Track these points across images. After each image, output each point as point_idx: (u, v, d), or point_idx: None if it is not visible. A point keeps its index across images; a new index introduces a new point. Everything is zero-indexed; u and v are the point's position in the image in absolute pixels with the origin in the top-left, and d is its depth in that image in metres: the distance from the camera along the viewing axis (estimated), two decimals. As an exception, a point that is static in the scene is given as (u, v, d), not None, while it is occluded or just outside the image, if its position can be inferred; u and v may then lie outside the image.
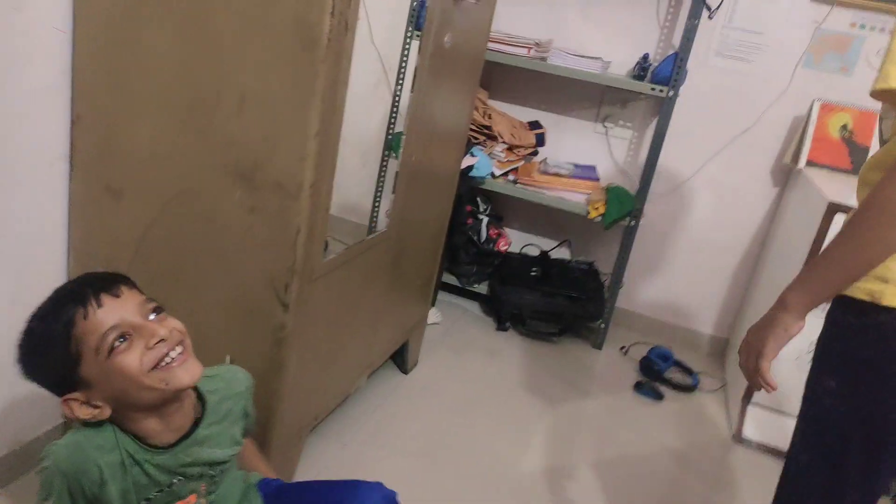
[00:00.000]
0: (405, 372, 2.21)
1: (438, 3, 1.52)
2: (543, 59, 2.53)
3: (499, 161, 2.67)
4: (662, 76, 2.38)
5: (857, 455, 1.01)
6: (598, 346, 2.71)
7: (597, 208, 2.53)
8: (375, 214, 2.97)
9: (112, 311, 0.90)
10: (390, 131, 2.87)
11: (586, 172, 2.72)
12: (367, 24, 2.83)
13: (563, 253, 2.96)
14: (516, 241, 3.02)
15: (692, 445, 2.13)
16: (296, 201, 1.20)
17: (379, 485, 1.14)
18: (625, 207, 2.52)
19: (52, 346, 0.89)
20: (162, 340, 0.91)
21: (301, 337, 1.34)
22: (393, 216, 1.72)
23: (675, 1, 2.58)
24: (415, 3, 2.69)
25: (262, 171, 1.21)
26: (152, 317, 0.93)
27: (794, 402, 2.18)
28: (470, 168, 2.52)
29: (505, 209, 2.97)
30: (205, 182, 1.26)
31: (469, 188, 2.65)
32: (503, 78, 2.82)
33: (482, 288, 2.79)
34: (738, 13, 2.51)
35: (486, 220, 2.79)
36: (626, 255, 2.61)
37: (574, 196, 2.62)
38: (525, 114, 2.88)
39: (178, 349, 0.93)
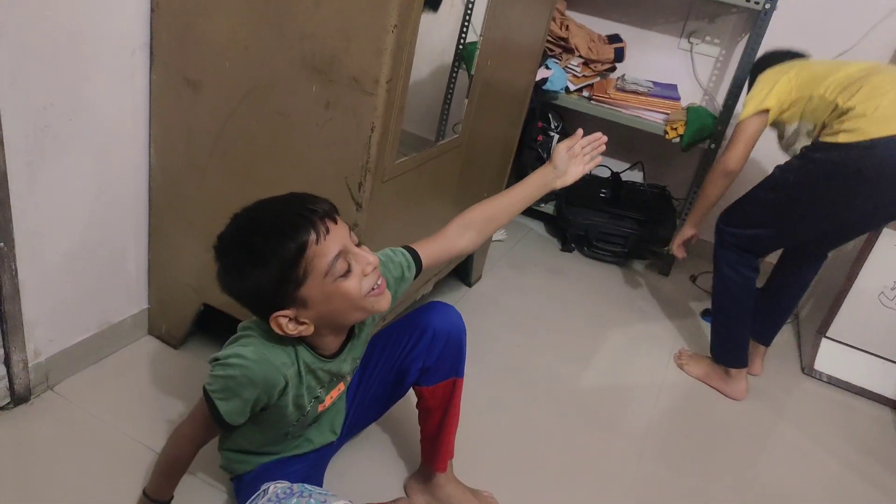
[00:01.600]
0: (468, 285, 2.23)
1: None
2: (629, -35, 2.37)
3: (574, 75, 2.57)
4: (760, -14, 2.20)
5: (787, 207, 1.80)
6: (666, 273, 2.65)
7: (675, 129, 2.41)
8: (443, 129, 2.93)
9: (337, 238, 0.95)
10: (461, 42, 2.78)
11: (666, 91, 2.59)
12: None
13: (635, 176, 2.87)
14: (586, 161, 2.93)
15: (760, 375, 2.08)
16: (371, 97, 1.18)
17: (445, 305, 1.26)
18: (706, 129, 2.40)
19: (279, 265, 0.92)
20: (375, 269, 0.98)
21: (372, 237, 1.35)
22: (465, 124, 1.68)
23: None
24: None
25: (338, 65, 1.19)
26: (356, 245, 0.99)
27: (871, 339, 2.11)
28: (543, 81, 2.43)
29: (577, 127, 2.85)
30: (281, 76, 1.25)
31: (541, 103, 2.56)
32: (584, -13, 2.67)
33: (548, 208, 2.75)
34: (852, -84, 2.27)
35: (556, 137, 2.71)
36: (703, 180, 2.50)
37: (651, 115, 2.51)
38: (604, 26, 2.73)
39: (379, 274, 1.01)
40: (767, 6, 2.18)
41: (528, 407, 1.73)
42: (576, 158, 1.26)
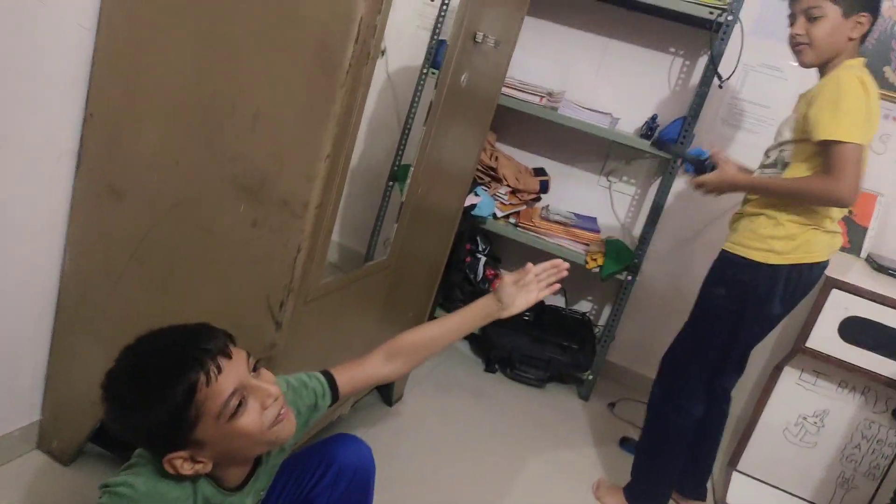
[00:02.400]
0: (389, 405, 2.18)
1: (458, 42, 1.55)
2: (554, 108, 2.56)
3: (501, 203, 2.68)
4: (669, 138, 2.42)
5: (724, 332, 1.80)
6: (585, 398, 2.68)
7: (595, 259, 2.53)
8: (374, 243, 2.97)
9: (230, 375, 0.90)
10: (396, 163, 2.89)
11: (587, 223, 2.73)
12: (384, 55, 2.87)
13: (557, 301, 2.96)
14: (511, 284, 3.01)
15: (672, 508, 2.08)
16: (300, 220, 1.20)
17: (355, 439, 1.21)
18: (622, 261, 2.53)
19: (167, 410, 0.86)
20: (276, 399, 0.94)
21: (290, 358, 1.32)
22: (394, 247, 1.71)
23: (686, 67, 2.64)
24: (433, 41, 2.73)
25: (268, 186, 1.21)
26: (253, 372, 0.94)
27: (779, 474, 2.16)
28: (472, 207, 2.53)
29: (503, 251, 2.97)
30: (209, 192, 1.26)
31: (470, 226, 2.65)
32: (513, 123, 2.86)
33: (473, 328, 2.77)
34: (747, 85, 2.55)
35: (483, 259, 2.79)
36: (621, 310, 2.61)
37: (573, 245, 2.63)
38: (531, 160, 2.91)
39: (281, 404, 0.96)
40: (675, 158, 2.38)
41: (443, 540, 1.66)
42: (527, 287, 1.24)
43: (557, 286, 1.26)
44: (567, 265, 1.26)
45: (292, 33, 1.16)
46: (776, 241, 1.69)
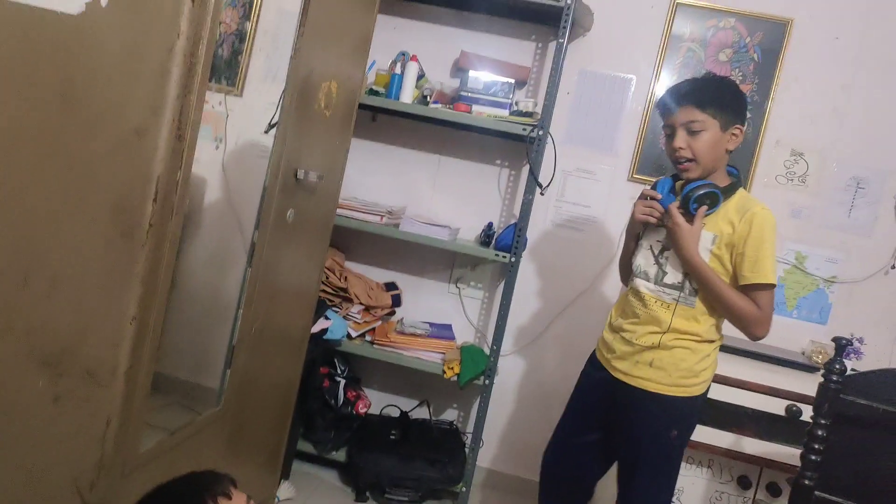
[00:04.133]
0: (248, 560, 2.01)
1: (278, 182, 1.58)
2: (396, 225, 2.64)
3: (355, 322, 2.68)
4: (505, 243, 2.56)
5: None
6: (461, 513, 2.63)
7: (452, 368, 2.56)
8: (226, 377, 2.82)
9: None
10: (244, 291, 2.81)
11: (442, 332, 2.78)
12: (226, 185, 2.85)
13: (423, 413, 2.93)
14: (376, 401, 2.95)
15: None
16: (107, 389, 1.12)
17: None
18: (478, 366, 2.58)
19: None
20: None
21: (107, 542, 1.19)
22: (228, 393, 1.64)
23: (513, 176, 2.85)
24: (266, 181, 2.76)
25: (69, 357, 1.12)
26: None
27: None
28: (324, 332, 2.50)
29: (363, 370, 2.94)
30: (3, 371, 1.15)
31: (324, 351, 2.61)
32: (360, 241, 2.91)
33: (340, 455, 2.67)
34: (567, 190, 2.79)
35: (343, 381, 2.74)
36: (484, 413, 2.63)
37: (430, 355, 2.65)
38: (382, 275, 2.95)
39: None
40: (513, 259, 2.52)
41: None
42: None
43: None
44: None
45: (87, 196, 1.12)
46: (707, 371, 1.75)
